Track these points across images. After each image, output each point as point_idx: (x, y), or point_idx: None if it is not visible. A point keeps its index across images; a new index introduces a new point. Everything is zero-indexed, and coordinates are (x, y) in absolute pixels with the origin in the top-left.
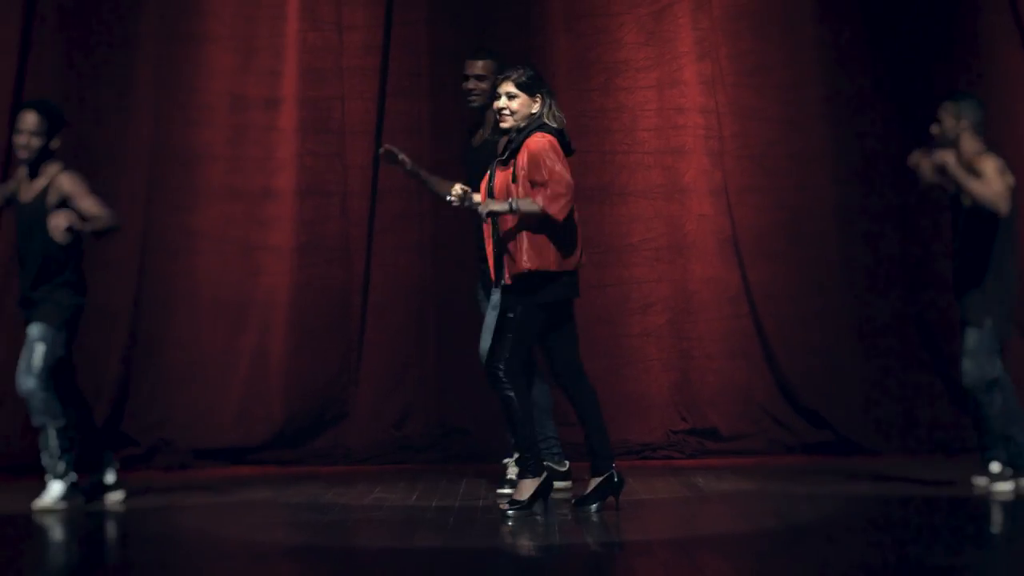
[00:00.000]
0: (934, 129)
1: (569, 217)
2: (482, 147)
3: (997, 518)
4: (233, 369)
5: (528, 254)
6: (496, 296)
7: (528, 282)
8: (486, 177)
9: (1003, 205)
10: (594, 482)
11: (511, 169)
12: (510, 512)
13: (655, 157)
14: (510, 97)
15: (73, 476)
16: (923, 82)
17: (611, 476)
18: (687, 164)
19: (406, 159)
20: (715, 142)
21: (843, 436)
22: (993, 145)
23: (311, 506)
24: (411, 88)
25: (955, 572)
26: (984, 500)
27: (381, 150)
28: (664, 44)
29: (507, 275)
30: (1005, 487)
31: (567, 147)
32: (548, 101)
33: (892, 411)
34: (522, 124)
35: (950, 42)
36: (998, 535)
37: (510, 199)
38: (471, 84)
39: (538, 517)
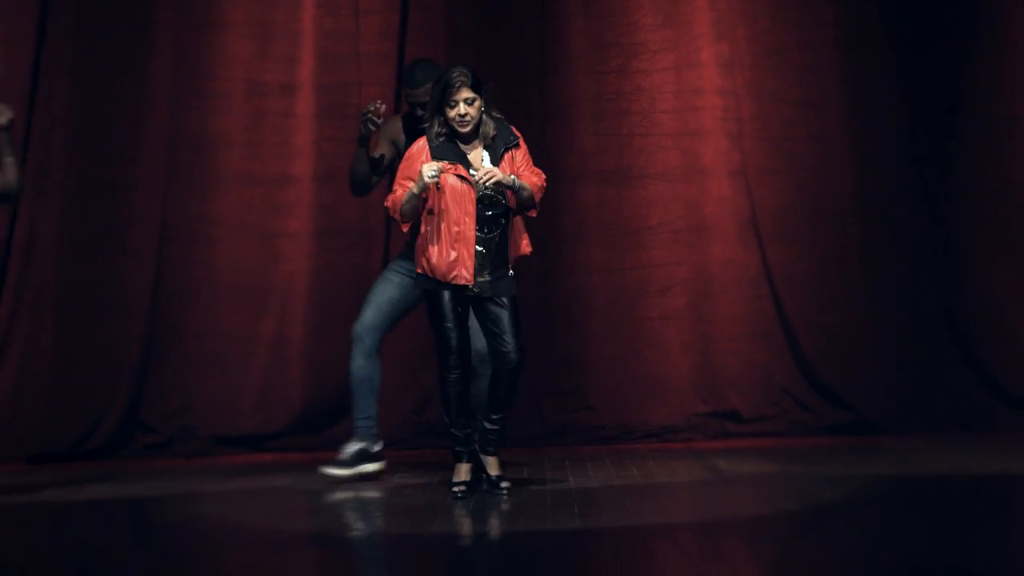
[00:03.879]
0: None
1: None
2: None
3: None
4: (253, 356)
5: (526, 238)
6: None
7: (516, 267)
8: (458, 171)
9: None
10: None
11: (511, 156)
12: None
13: (673, 139)
14: (469, 103)
15: None
16: (942, 61)
17: None
18: (705, 146)
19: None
20: (733, 124)
21: (865, 417)
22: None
23: (331, 492)
24: None
25: (979, 554)
26: (1008, 480)
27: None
28: (681, 26)
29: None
30: None
31: None
32: (486, 98)
33: (914, 391)
34: (474, 127)
35: (968, 22)
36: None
37: (511, 174)
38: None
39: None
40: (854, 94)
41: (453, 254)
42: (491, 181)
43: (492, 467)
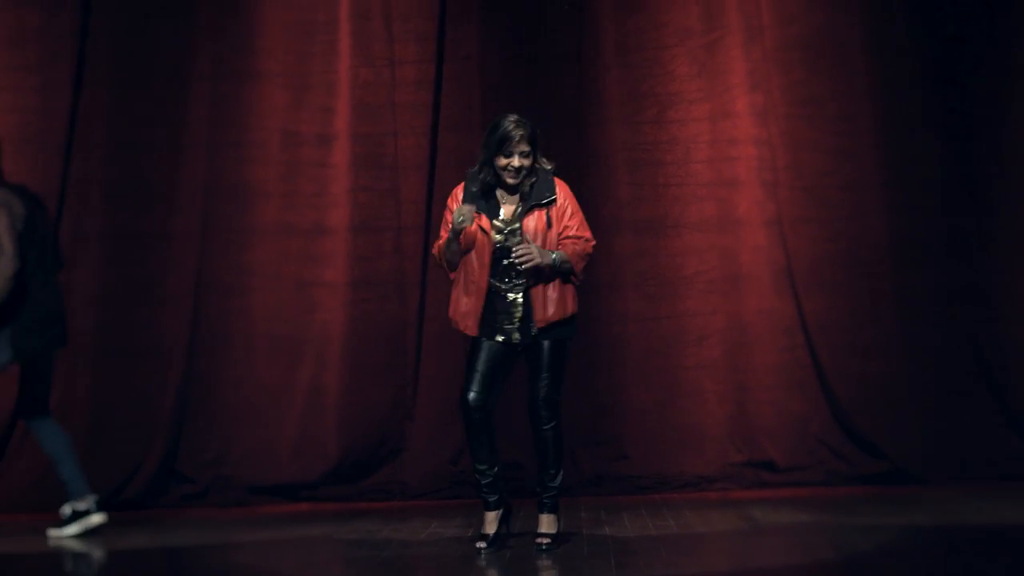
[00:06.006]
0: None
1: None
2: None
3: None
4: (288, 405)
5: (572, 295)
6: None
7: (564, 323)
8: (480, 222)
9: None
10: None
11: (545, 213)
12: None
13: (708, 189)
14: (524, 155)
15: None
16: (977, 110)
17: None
18: (741, 196)
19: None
20: (768, 173)
21: (900, 466)
22: None
23: (367, 542)
24: (464, 123)
25: None
26: None
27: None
28: (716, 76)
29: (546, 317)
30: None
31: None
32: (538, 149)
33: (949, 441)
34: (522, 180)
35: (1002, 71)
36: None
37: (553, 254)
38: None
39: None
40: (888, 143)
41: (466, 302)
42: (528, 265)
43: (542, 524)
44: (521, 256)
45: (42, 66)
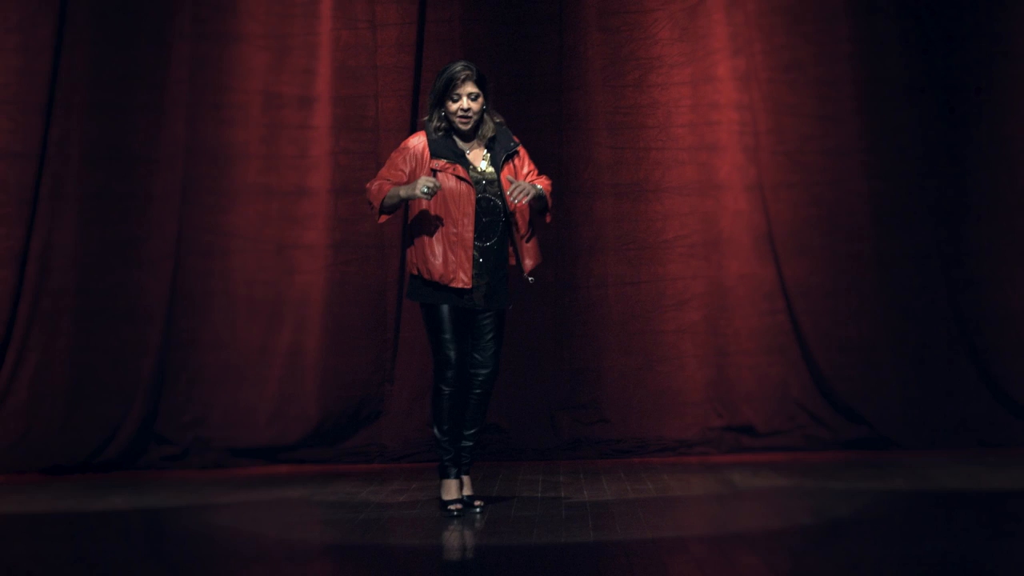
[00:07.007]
0: None
1: None
2: None
3: None
4: (268, 368)
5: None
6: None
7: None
8: (458, 171)
9: None
10: None
11: (512, 163)
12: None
13: (690, 153)
14: (473, 97)
15: None
16: (958, 75)
17: None
18: (722, 160)
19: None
20: (750, 138)
21: (879, 431)
22: None
23: (346, 504)
24: None
25: (993, 568)
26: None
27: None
28: (698, 40)
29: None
30: None
31: None
32: (489, 98)
33: (929, 406)
34: (474, 124)
35: (984, 38)
36: None
37: (535, 185)
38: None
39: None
40: (870, 109)
41: (452, 257)
42: (525, 200)
43: (466, 486)
44: (516, 194)
45: (23, 27)
